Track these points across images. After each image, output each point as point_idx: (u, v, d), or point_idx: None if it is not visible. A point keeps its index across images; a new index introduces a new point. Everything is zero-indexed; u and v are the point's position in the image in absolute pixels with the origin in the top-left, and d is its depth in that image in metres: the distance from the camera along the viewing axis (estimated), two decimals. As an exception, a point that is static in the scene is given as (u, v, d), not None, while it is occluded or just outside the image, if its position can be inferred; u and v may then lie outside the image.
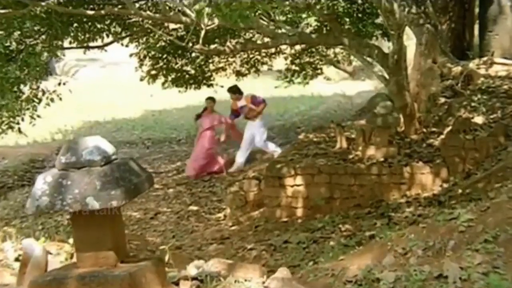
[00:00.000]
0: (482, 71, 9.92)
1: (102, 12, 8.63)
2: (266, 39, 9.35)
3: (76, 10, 8.48)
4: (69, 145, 2.85)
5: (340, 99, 21.11)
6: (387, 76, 8.31)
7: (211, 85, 15.28)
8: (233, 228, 8.15)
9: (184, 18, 7.25)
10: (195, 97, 18.45)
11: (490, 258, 3.78)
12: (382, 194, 7.52)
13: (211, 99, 11.92)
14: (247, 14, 4.19)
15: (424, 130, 8.65)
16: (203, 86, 15.21)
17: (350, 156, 8.10)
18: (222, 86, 15.67)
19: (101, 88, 24.90)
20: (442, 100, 9.47)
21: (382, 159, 7.78)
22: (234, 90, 11.73)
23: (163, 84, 14.62)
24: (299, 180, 7.75)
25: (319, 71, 15.03)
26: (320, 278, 4.57)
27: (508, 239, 3.91)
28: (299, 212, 7.76)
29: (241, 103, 11.59)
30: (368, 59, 8.36)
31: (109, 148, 2.90)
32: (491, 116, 8.04)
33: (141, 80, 14.31)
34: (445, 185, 7.32)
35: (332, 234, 6.87)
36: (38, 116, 9.70)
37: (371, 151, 7.98)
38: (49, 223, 9.14)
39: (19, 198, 10.64)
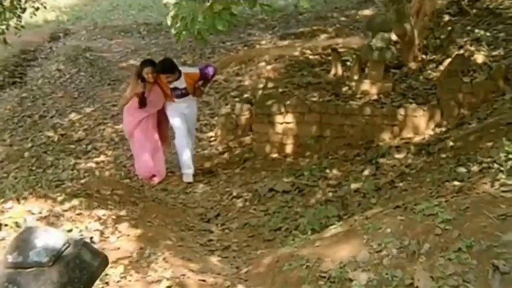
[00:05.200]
0: (494, -15, 9.31)
1: None
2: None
3: None
4: (16, 243, 2.72)
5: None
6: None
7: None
8: (223, 156, 8.10)
9: None
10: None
11: (462, 270, 3.79)
12: (373, 135, 7.38)
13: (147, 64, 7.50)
14: (223, 23, 3.68)
15: (423, 56, 8.30)
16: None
17: (344, 89, 7.85)
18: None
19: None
20: (446, 18, 9.00)
21: (375, 97, 7.55)
22: (173, 69, 7.34)
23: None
24: (289, 118, 7.56)
25: None
26: (295, 270, 4.62)
27: (482, 251, 3.88)
28: (289, 149, 7.66)
29: (180, 84, 7.43)
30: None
31: (59, 241, 2.76)
32: (493, 53, 7.65)
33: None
34: (437, 130, 7.16)
35: (318, 181, 6.82)
36: (23, 27, 9.29)
37: (365, 86, 7.72)
38: (39, 139, 9.12)
39: (9, 104, 10.46)
